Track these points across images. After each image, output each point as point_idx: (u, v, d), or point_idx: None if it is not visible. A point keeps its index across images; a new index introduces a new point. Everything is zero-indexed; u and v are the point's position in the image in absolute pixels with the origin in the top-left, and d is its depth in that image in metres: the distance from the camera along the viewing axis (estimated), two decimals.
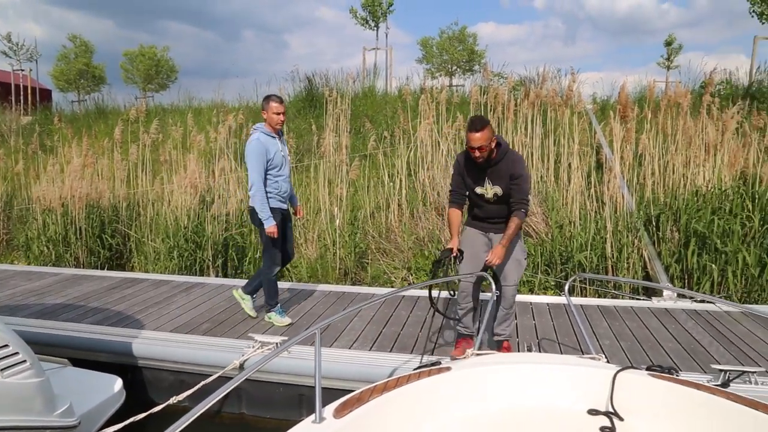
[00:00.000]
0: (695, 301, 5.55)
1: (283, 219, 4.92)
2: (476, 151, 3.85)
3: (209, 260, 7.38)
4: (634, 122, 7.53)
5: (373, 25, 19.11)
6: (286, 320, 5.12)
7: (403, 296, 5.84)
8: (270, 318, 5.14)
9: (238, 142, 10.05)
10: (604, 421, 2.18)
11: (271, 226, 4.72)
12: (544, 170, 7.97)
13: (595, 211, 6.81)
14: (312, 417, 1.94)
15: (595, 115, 9.76)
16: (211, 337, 4.75)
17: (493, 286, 3.77)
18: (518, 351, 4.47)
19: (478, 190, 4.06)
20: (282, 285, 6.52)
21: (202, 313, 5.42)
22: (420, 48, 23.90)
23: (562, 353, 4.38)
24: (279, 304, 5.16)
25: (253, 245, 7.67)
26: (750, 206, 6.01)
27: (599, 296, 6.19)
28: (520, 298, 5.82)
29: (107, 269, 7.98)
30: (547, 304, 5.64)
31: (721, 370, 3.75)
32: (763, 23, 12.83)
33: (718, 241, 5.83)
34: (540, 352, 4.42)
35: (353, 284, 7.23)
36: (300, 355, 4.26)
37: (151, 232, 8.12)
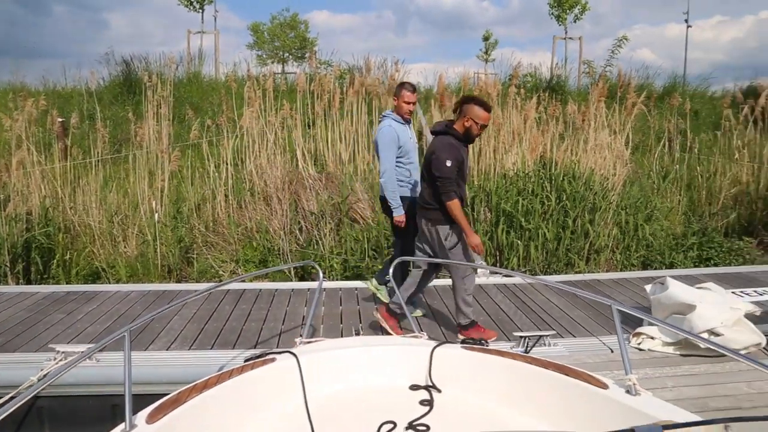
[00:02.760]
0: (503, 275, 6.06)
1: (412, 208, 4.64)
2: (481, 130, 4.09)
3: (6, 265, 6.56)
4: (452, 110, 7.99)
5: (198, 6, 18.16)
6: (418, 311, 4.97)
7: (228, 290, 5.65)
8: (376, 288, 5.07)
9: (41, 132, 9.03)
10: (424, 395, 2.30)
11: (400, 215, 4.59)
12: (370, 157, 8.18)
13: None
14: (122, 426, 1.79)
15: (420, 104, 10.22)
16: (4, 353, 4.22)
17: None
18: (343, 336, 4.54)
19: (467, 167, 4.24)
20: (96, 288, 6.02)
21: None
22: (251, 33, 23.28)
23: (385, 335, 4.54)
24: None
25: (61, 246, 6.95)
26: (548, 187, 6.69)
27: None
28: (345, 284, 5.95)
29: None
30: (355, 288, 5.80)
31: (521, 337, 4.14)
32: (560, 25, 14.36)
33: (523, 219, 6.43)
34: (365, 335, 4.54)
35: (179, 281, 6.88)
36: (112, 362, 3.95)
37: None
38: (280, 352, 2.42)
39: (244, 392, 2.19)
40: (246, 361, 2.40)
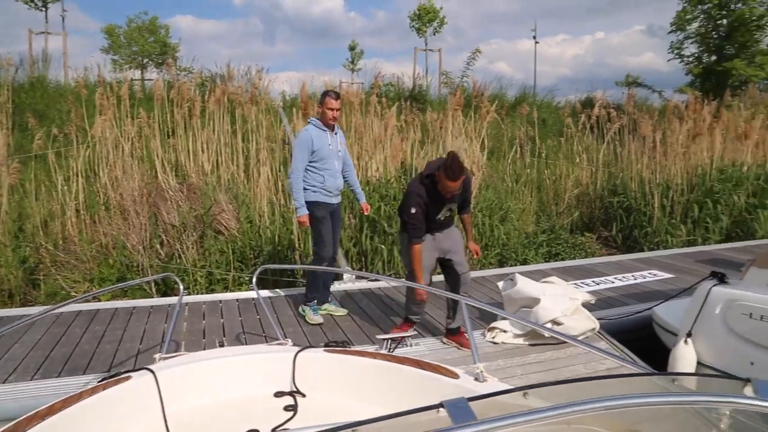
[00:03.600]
0: (369, 280, 6.20)
1: (331, 214, 4.86)
2: (449, 195, 4.01)
3: None
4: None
5: (40, 4, 16.65)
6: (318, 318, 4.99)
7: (79, 311, 5.26)
8: (303, 311, 5.09)
9: None
10: (289, 400, 2.31)
11: (301, 215, 4.73)
12: (235, 167, 8.01)
13: (283, 204, 7.11)
14: None
15: (286, 112, 10.16)
16: None
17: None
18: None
19: (438, 216, 4.19)
20: None
21: None
22: (105, 37, 21.81)
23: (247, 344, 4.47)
24: (315, 301, 5.05)
25: None
26: None
27: (291, 286, 6.48)
28: (208, 297, 5.78)
29: None
30: (237, 300, 5.69)
31: (384, 339, 4.27)
32: (420, 37, 15.01)
33: (386, 224, 6.61)
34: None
35: (23, 305, 6.28)
36: None
37: None
38: (136, 370, 2.32)
39: (96, 415, 2.06)
40: (99, 382, 2.27)
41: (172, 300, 5.78)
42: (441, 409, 1.07)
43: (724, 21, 15.20)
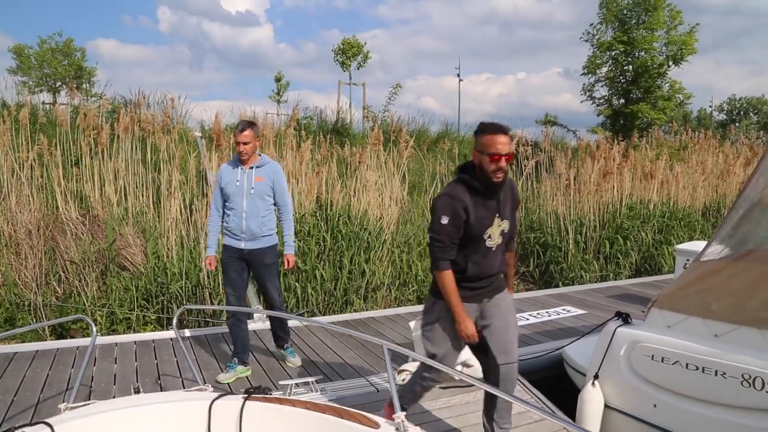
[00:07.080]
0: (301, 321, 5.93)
1: (244, 261, 4.36)
2: (503, 160, 2.77)
3: None
4: (230, 150, 7.80)
5: None
6: (224, 377, 4.40)
7: None
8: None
9: None
10: None
11: (206, 257, 4.48)
12: (144, 199, 7.60)
13: (194, 239, 6.77)
14: None
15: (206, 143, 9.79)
16: None
17: None
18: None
19: (488, 231, 2.90)
20: None
21: None
22: (13, 57, 20.73)
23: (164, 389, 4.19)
24: (235, 358, 4.50)
25: None
26: (324, 227, 6.79)
27: (200, 326, 6.13)
28: (117, 339, 5.35)
29: None
30: (134, 342, 5.28)
31: (288, 385, 4.07)
32: (344, 71, 15.14)
33: (299, 261, 6.41)
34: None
35: None
36: None
37: None
38: (32, 424, 2.04)
39: None
40: None
41: (63, 344, 5.30)
42: None
43: (630, 67, 16.18)
